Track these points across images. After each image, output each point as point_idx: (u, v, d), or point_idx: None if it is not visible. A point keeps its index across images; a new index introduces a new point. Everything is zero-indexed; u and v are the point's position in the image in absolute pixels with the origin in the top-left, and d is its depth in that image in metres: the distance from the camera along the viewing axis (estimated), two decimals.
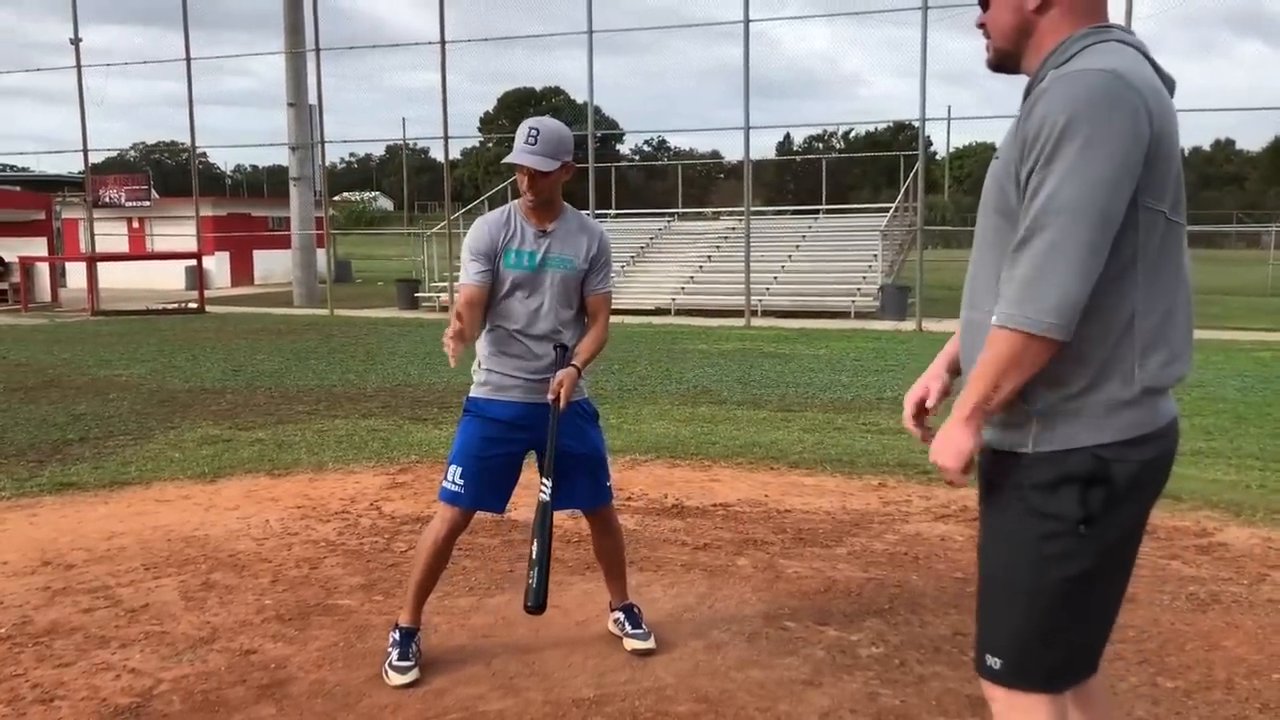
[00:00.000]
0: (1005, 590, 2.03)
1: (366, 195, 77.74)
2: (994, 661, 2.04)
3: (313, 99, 23.05)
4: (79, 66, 22.93)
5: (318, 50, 21.21)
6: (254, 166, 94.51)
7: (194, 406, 9.24)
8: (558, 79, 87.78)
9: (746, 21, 18.06)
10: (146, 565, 4.71)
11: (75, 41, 23.12)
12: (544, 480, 3.48)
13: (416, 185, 77.95)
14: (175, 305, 21.67)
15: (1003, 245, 1.94)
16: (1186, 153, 75.15)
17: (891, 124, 65.78)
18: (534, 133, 3.40)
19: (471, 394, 3.64)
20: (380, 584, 4.45)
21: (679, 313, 19.42)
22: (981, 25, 2.09)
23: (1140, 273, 1.89)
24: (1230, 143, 76.59)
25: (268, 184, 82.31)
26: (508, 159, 3.45)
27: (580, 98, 77.15)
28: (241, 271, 29.97)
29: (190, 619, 4.06)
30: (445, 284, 21.68)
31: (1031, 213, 1.83)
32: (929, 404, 2.28)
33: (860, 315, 18.72)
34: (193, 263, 24.64)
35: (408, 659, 3.51)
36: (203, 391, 10.18)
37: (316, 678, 3.53)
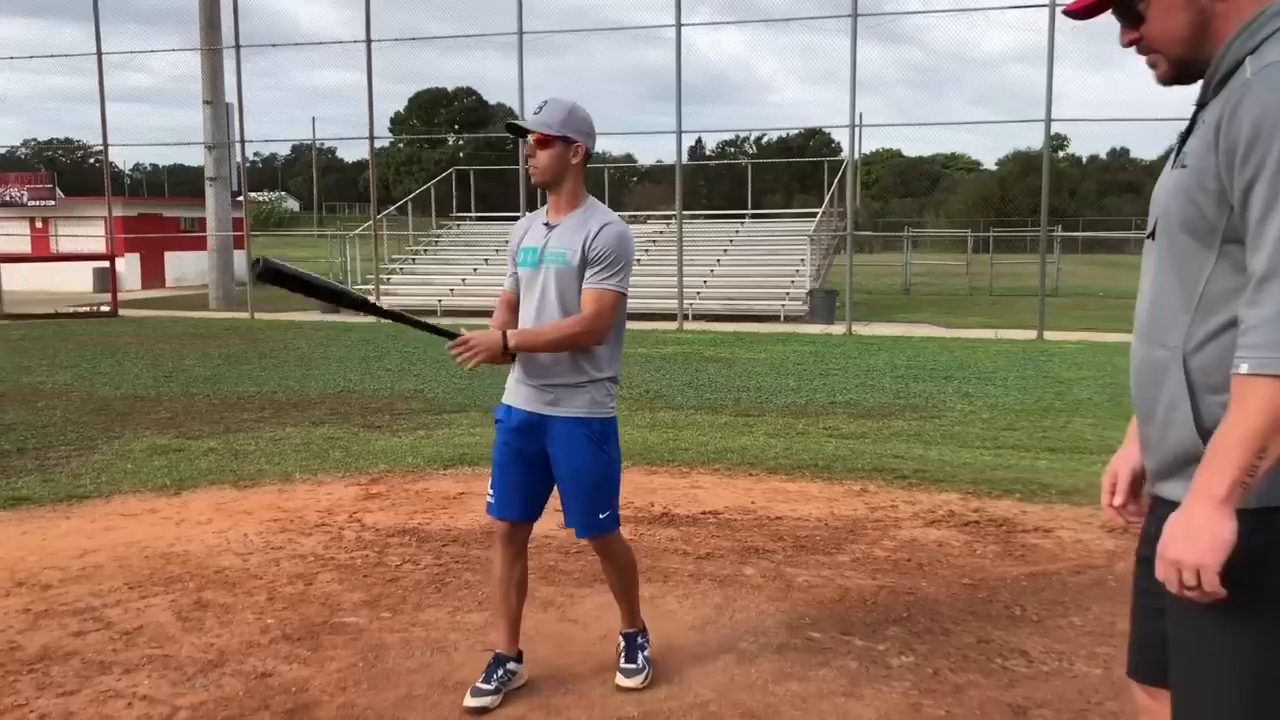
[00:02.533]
0: (1204, 675, 1.72)
1: (273, 195, 76.04)
2: None
3: (230, 97, 22.47)
4: None
5: (238, 47, 20.66)
6: (154, 165, 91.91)
7: (132, 415, 8.89)
8: (469, 79, 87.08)
9: (679, 26, 18.09)
10: (129, 584, 4.48)
11: None
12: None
13: (323, 186, 76.62)
14: (87, 309, 20.88)
15: (1193, 271, 1.71)
16: (1085, 161, 76.66)
17: (803, 130, 66.77)
18: (543, 103, 3.29)
19: None
20: (384, 600, 4.30)
21: None
22: (1133, 42, 1.79)
23: None
24: (1125, 151, 79.43)
25: (169, 183, 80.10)
26: (508, 123, 3.37)
27: (493, 99, 75.94)
28: (153, 274, 29.05)
29: (192, 641, 3.87)
30: (369, 287, 21.27)
31: (1273, 235, 1.55)
32: (1117, 499, 2.04)
33: (789, 319, 18.88)
34: (101, 264, 23.83)
35: (488, 682, 3.38)
36: (137, 399, 9.81)
37: (343, 701, 3.39)
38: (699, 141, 74.52)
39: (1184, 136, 1.77)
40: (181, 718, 3.27)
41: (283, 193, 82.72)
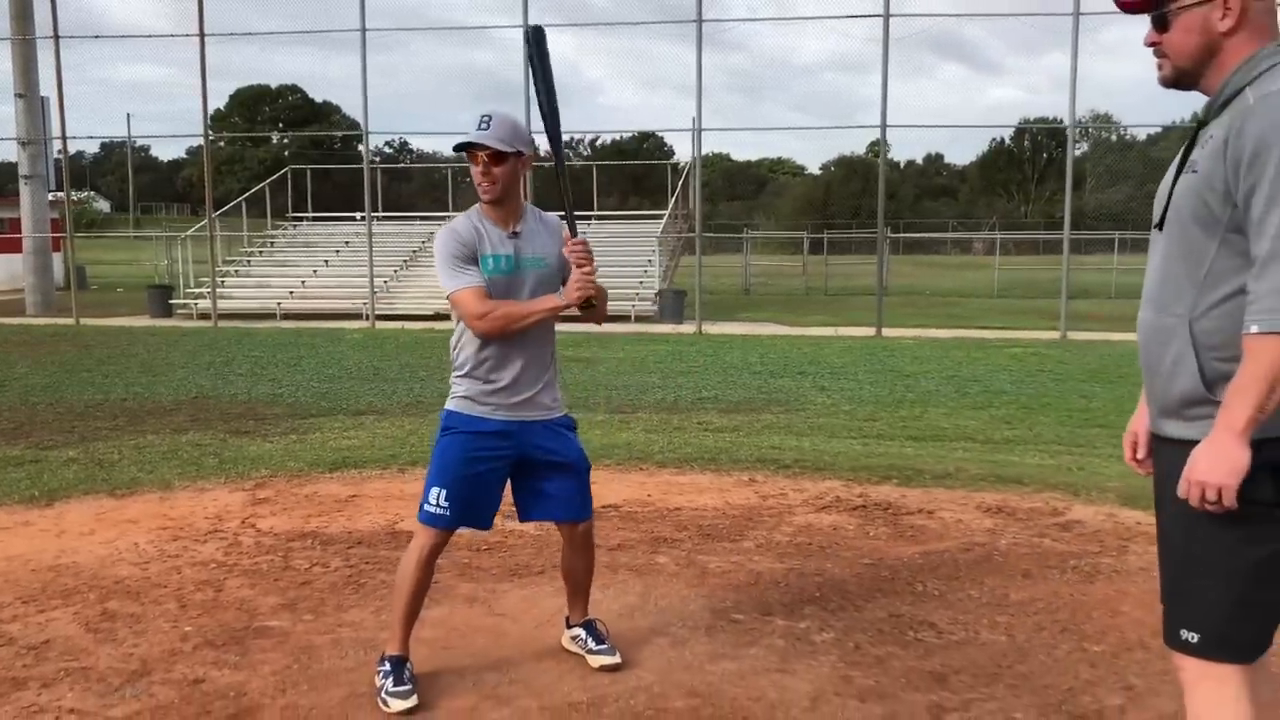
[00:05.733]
0: (1202, 571, 2.14)
1: (82, 195, 71.94)
2: (1190, 636, 2.17)
3: (46, 90, 21.27)
4: None
5: (56, 38, 19.55)
6: None
7: None
8: (292, 76, 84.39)
9: (526, 28, 18.04)
10: (22, 599, 4.27)
11: None
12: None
13: (137, 185, 73.03)
14: None
15: (1199, 254, 2.09)
16: (902, 165, 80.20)
17: (636, 133, 67.49)
18: (486, 119, 3.27)
19: (450, 408, 3.47)
20: (302, 603, 4.23)
21: None
22: (1154, 44, 2.19)
23: None
24: (940, 156, 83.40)
25: None
26: (459, 142, 3.30)
27: (318, 96, 73.36)
28: None
29: (109, 652, 3.73)
30: (203, 290, 20.50)
31: (1274, 225, 1.93)
32: (1139, 454, 2.42)
33: (640, 319, 19.14)
34: None
35: (403, 682, 3.34)
36: None
37: (286, 703, 3.34)
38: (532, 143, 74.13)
39: (1188, 148, 2.16)
40: None
41: (92, 192, 78.33)
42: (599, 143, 72.51)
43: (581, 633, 3.73)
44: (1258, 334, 1.94)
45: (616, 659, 3.63)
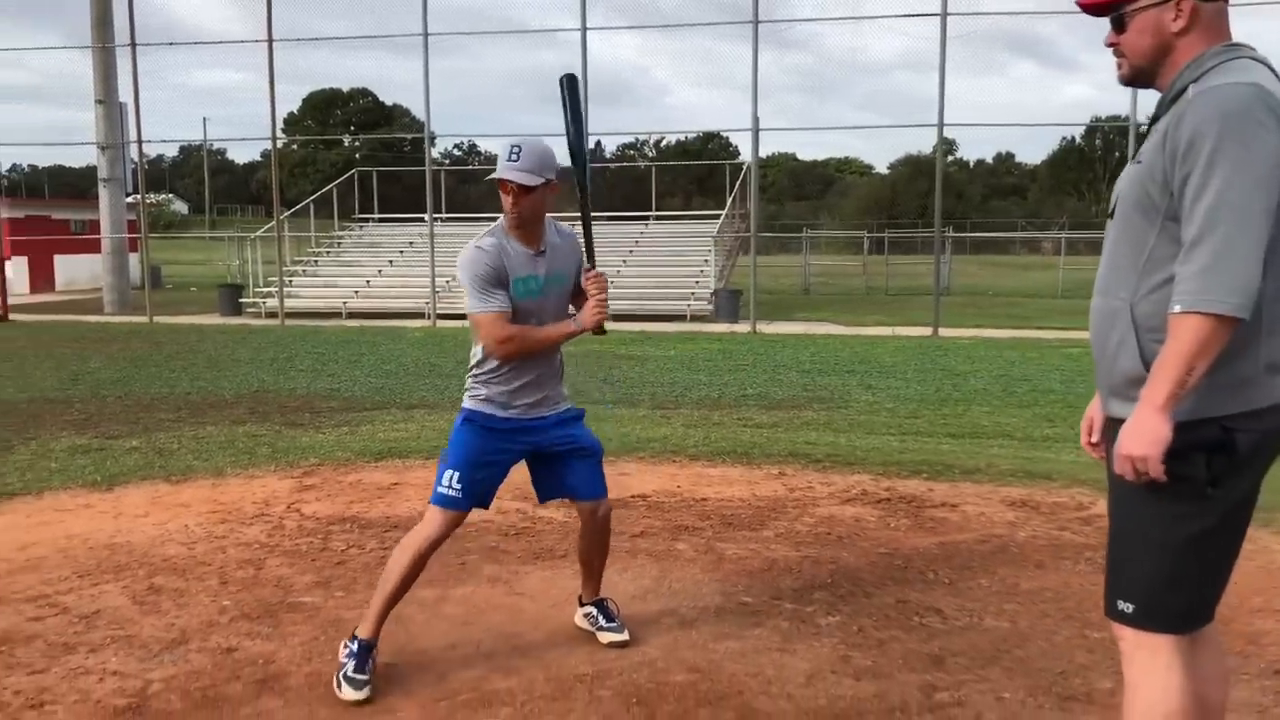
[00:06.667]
0: (1138, 544, 2.28)
1: (161, 197, 73.90)
2: (1125, 606, 2.32)
3: (124, 96, 22.01)
4: None
5: (133, 45, 20.24)
6: (32, 166, 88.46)
7: (44, 416, 8.80)
8: (363, 80, 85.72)
9: (584, 30, 18.32)
10: (79, 573, 4.56)
11: None
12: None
13: (214, 188, 74.88)
14: None
15: (1140, 241, 2.22)
16: (971, 165, 78.98)
17: (700, 133, 67.60)
18: (516, 149, 3.41)
19: (471, 406, 3.63)
20: (335, 581, 4.47)
21: None
22: (1113, 44, 2.32)
23: (1270, 264, 2.09)
24: (1010, 155, 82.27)
25: (49, 185, 77.32)
26: (491, 176, 3.46)
27: (389, 99, 74.42)
28: (42, 278, 28.09)
29: (152, 622, 3.99)
30: (271, 289, 21.07)
31: (1201, 212, 2.06)
32: (1094, 437, 2.57)
33: (695, 318, 19.27)
34: None
35: (364, 672, 3.41)
36: (46, 401, 9.68)
37: (311, 670, 3.57)
38: (599, 144, 74.74)
39: (1140, 140, 2.33)
40: (155, 689, 3.41)
41: (170, 195, 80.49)
42: (664, 143, 72.76)
43: (594, 610, 3.92)
44: (1180, 313, 2.07)
45: (625, 636, 3.81)
